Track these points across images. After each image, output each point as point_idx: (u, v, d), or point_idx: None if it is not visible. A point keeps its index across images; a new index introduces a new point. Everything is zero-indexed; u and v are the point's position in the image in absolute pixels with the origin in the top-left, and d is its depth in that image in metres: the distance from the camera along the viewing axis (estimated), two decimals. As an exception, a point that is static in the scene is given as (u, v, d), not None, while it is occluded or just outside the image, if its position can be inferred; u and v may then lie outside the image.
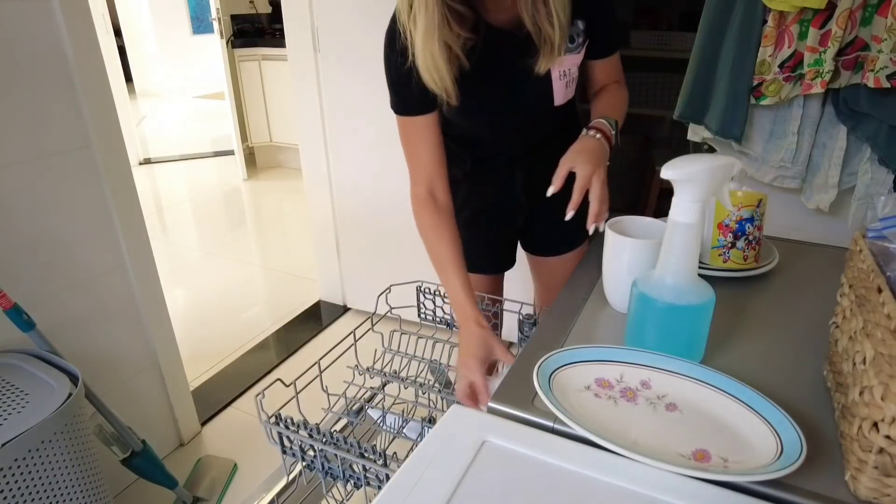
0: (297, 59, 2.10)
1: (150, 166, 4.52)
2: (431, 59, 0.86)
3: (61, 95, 1.30)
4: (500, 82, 0.99)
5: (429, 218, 1.00)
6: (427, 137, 0.99)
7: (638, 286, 0.67)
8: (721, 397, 0.60)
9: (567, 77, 0.99)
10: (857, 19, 1.21)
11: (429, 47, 0.85)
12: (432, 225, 1.00)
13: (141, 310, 1.56)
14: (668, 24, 2.83)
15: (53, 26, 1.26)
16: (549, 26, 0.88)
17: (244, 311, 2.51)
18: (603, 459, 0.54)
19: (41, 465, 1.04)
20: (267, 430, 0.83)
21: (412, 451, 0.74)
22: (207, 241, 3.27)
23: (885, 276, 0.53)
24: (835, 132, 1.34)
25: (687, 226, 0.62)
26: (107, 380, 1.50)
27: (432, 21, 0.83)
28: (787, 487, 0.51)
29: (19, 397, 1.08)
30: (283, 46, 2.19)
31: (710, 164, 0.60)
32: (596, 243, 0.99)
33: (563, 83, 0.99)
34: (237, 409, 1.92)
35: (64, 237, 1.35)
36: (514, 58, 0.94)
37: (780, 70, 1.29)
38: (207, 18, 5.84)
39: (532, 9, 0.87)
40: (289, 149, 4.23)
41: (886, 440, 0.45)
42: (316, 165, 2.25)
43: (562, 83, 0.99)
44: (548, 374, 0.63)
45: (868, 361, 0.49)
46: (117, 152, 1.43)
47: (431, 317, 1.19)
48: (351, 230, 2.29)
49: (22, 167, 1.25)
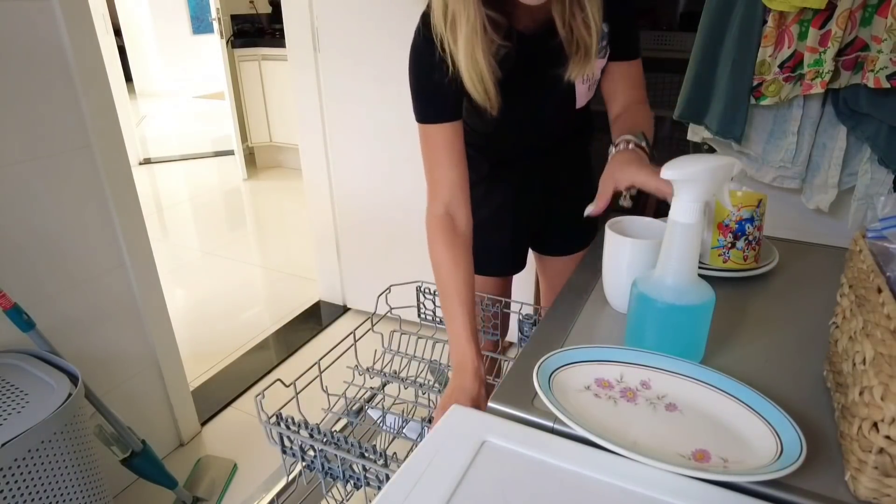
0: (297, 60, 2.10)
1: (149, 166, 4.52)
2: (475, 67, 0.84)
3: (61, 95, 1.30)
4: (526, 90, 0.97)
5: (444, 243, 0.93)
6: (453, 146, 0.93)
7: (638, 286, 0.67)
8: (721, 397, 0.60)
9: (590, 80, 0.98)
10: (856, 19, 1.21)
11: (472, 55, 0.84)
12: (446, 252, 0.92)
13: (141, 310, 1.56)
14: (668, 24, 2.82)
15: (53, 26, 1.26)
16: (584, 32, 0.86)
17: (244, 311, 2.51)
18: (603, 459, 0.54)
19: (41, 465, 1.04)
20: (267, 430, 0.83)
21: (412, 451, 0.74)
22: (207, 241, 3.27)
23: (885, 277, 0.53)
24: (835, 132, 1.34)
25: (687, 226, 0.62)
26: (107, 380, 1.50)
27: (473, 29, 0.82)
28: (787, 488, 0.51)
29: (19, 397, 1.08)
30: (283, 46, 2.19)
31: (710, 165, 0.60)
32: (596, 243, 0.99)
33: (586, 87, 0.98)
34: (237, 410, 1.92)
35: (64, 237, 1.35)
36: (542, 66, 0.93)
37: (779, 70, 1.29)
38: (207, 18, 5.85)
39: (568, 14, 0.86)
40: (289, 149, 4.23)
41: (886, 440, 0.45)
42: (316, 165, 2.25)
43: (584, 87, 0.98)
44: (548, 374, 0.63)
45: (868, 361, 0.49)
46: (117, 152, 1.43)
47: (431, 317, 1.19)
48: (351, 230, 2.29)
49: (22, 167, 1.25)
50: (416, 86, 0.93)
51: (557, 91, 0.96)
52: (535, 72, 0.94)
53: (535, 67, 0.94)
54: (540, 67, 0.93)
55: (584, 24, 0.86)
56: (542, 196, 1.18)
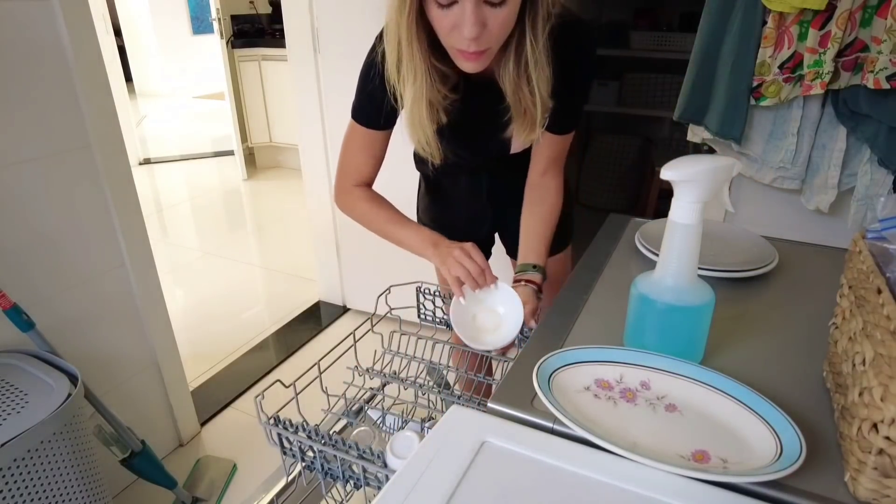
0: (297, 60, 2.10)
1: (149, 166, 4.52)
2: (419, 119, 0.89)
3: (61, 95, 1.30)
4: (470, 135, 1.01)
5: (362, 196, 1.05)
6: (373, 148, 1.02)
7: (638, 287, 0.67)
8: (721, 398, 0.60)
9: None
10: (856, 20, 1.21)
11: (417, 108, 0.87)
12: (367, 198, 1.05)
13: (141, 310, 1.56)
14: (668, 25, 2.83)
15: (53, 26, 1.26)
16: (531, 104, 0.88)
17: (244, 312, 2.51)
18: (602, 460, 0.54)
19: (40, 465, 1.04)
20: (266, 431, 0.83)
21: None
22: (207, 241, 3.27)
23: (885, 277, 0.53)
24: (834, 133, 1.34)
25: (687, 227, 0.62)
26: (106, 380, 1.50)
27: (421, 87, 0.85)
28: (787, 488, 0.51)
29: (18, 397, 1.08)
30: (283, 47, 2.19)
31: (710, 165, 0.60)
32: (596, 243, 0.99)
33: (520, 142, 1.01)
34: (237, 410, 1.92)
35: (64, 237, 1.35)
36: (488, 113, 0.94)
37: (779, 71, 1.29)
38: (207, 18, 5.84)
39: (514, 83, 0.87)
40: (288, 149, 4.23)
41: (886, 441, 0.45)
42: (316, 166, 2.25)
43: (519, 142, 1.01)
44: (547, 374, 0.63)
45: (867, 362, 0.49)
46: (117, 152, 1.43)
47: (431, 317, 1.19)
48: (350, 230, 2.29)
49: (21, 167, 1.25)
50: (360, 89, 0.99)
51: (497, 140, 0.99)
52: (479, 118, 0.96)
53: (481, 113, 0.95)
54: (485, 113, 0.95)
55: (531, 94, 0.87)
56: (490, 203, 1.21)
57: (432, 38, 0.82)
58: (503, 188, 1.18)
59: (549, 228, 1.06)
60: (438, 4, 0.76)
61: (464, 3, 0.74)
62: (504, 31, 0.79)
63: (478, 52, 0.79)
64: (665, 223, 0.64)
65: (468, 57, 0.80)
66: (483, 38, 0.77)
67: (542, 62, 0.84)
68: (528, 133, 0.93)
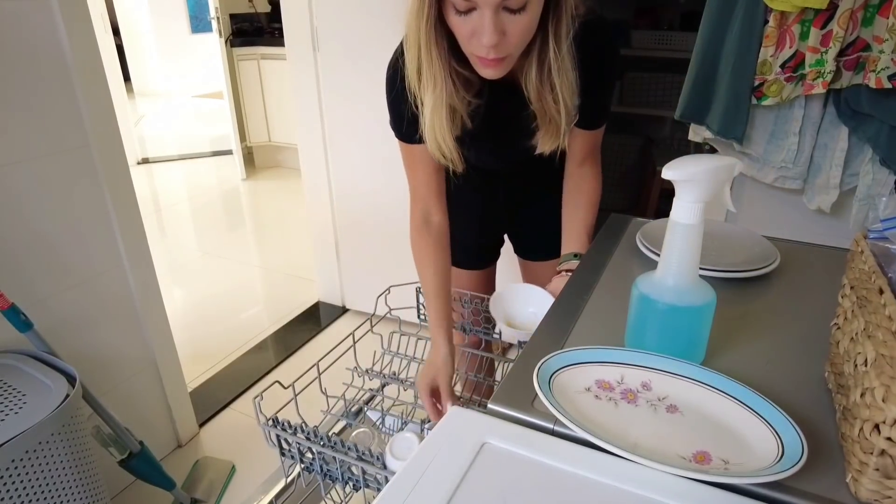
0: (296, 59, 2.10)
1: (148, 166, 4.51)
2: (439, 128, 0.87)
3: (59, 95, 1.29)
4: (494, 140, 1.00)
5: (421, 243, 1.04)
6: (426, 163, 0.99)
7: (639, 287, 0.67)
8: (722, 399, 0.60)
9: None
10: (858, 20, 1.20)
11: (438, 116, 0.86)
12: (423, 251, 1.04)
13: (139, 310, 1.55)
14: (668, 24, 2.83)
15: (52, 25, 1.25)
16: (555, 112, 0.87)
17: (243, 312, 2.51)
18: (603, 461, 0.54)
19: (38, 466, 1.04)
20: (265, 432, 0.83)
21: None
22: (206, 241, 3.27)
23: (887, 278, 0.53)
24: (836, 133, 1.34)
25: (688, 227, 0.62)
26: (104, 381, 1.49)
27: (441, 94, 0.84)
28: (788, 489, 0.51)
29: (16, 398, 1.08)
30: (283, 45, 2.18)
31: (711, 165, 0.60)
32: (597, 243, 0.99)
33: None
34: (235, 411, 1.92)
35: (62, 237, 1.35)
36: (513, 119, 0.93)
37: (781, 70, 1.29)
38: (206, 17, 5.83)
39: (536, 90, 0.86)
40: (288, 148, 4.22)
41: (887, 442, 0.45)
42: (315, 165, 2.25)
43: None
44: (548, 375, 0.63)
45: (869, 363, 0.48)
46: (115, 152, 1.43)
47: (431, 317, 1.19)
48: (350, 230, 2.29)
49: (20, 167, 1.24)
50: (391, 107, 0.96)
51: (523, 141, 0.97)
52: (504, 121, 0.95)
53: (505, 117, 0.94)
54: (509, 117, 0.94)
55: (554, 102, 0.86)
56: (506, 205, 1.21)
57: (453, 44, 0.82)
58: (519, 190, 1.18)
59: (590, 214, 1.06)
60: (457, 11, 0.75)
61: (482, 10, 0.73)
62: (524, 39, 0.78)
63: (497, 59, 0.78)
64: (666, 223, 0.64)
65: (487, 64, 0.79)
66: (502, 46, 0.76)
67: (565, 68, 0.83)
68: (552, 141, 0.91)
